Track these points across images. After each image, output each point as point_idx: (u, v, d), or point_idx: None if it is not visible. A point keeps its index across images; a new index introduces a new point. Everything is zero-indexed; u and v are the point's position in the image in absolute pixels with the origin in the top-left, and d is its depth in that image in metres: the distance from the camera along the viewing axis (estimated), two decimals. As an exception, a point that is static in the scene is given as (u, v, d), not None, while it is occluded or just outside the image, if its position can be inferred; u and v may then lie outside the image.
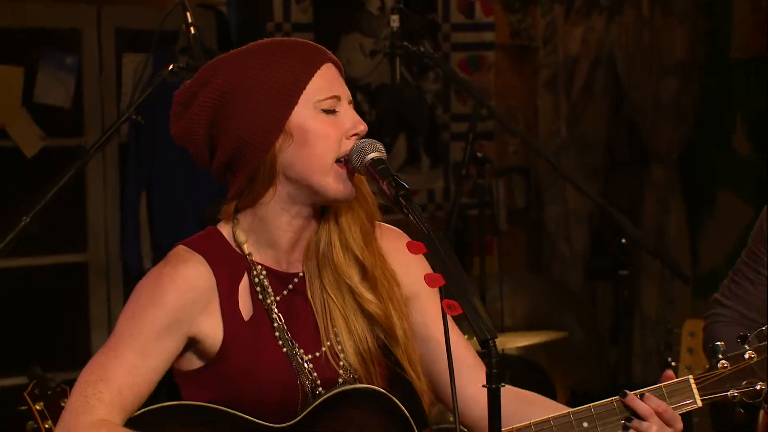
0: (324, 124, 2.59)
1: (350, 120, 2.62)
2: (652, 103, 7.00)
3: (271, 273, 2.64)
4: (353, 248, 2.66)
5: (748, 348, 2.64)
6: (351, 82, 7.35)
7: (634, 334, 6.94)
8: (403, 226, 2.69)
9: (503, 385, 2.30)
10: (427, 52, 4.34)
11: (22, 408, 3.73)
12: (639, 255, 6.73)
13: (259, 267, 2.64)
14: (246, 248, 2.64)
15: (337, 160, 2.59)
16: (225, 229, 2.66)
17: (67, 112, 6.38)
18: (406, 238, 2.70)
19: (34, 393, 3.79)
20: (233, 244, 2.65)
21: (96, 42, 6.44)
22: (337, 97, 2.62)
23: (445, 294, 2.35)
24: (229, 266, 2.62)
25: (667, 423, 2.62)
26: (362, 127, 2.62)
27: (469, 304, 2.30)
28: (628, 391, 2.63)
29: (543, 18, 7.47)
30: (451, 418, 2.81)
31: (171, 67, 4.14)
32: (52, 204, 4.07)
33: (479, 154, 5.08)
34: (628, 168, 7.22)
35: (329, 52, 2.69)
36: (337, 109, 2.62)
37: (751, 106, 6.70)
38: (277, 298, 2.64)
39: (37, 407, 3.75)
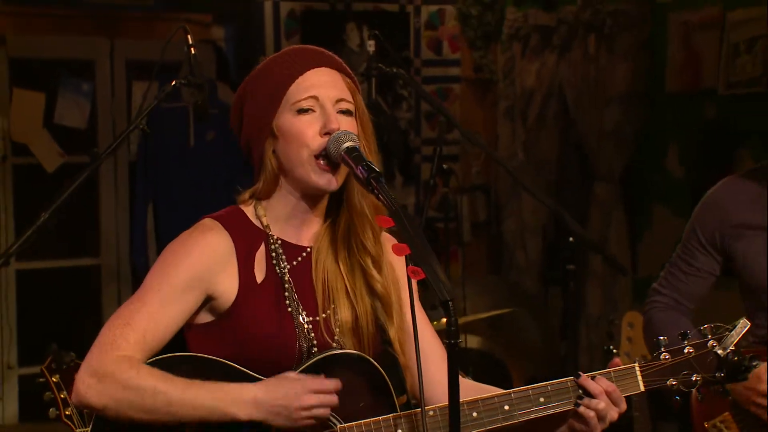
0: (298, 123, 2.61)
1: (326, 118, 2.60)
2: (597, 129, 7.02)
3: (285, 244, 2.67)
4: (367, 238, 2.67)
5: (687, 344, 2.64)
6: (334, 110, 7.27)
7: (581, 331, 6.96)
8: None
9: (461, 341, 2.32)
10: (399, 72, 4.36)
11: (41, 380, 3.75)
12: (585, 261, 6.76)
13: (275, 237, 2.66)
14: (264, 221, 2.67)
15: (316, 156, 2.59)
16: (247, 208, 2.69)
17: (83, 133, 6.42)
18: (394, 241, 2.71)
19: (51, 367, 3.81)
20: (253, 220, 2.67)
21: (109, 71, 6.49)
22: (315, 98, 2.61)
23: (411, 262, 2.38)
24: (247, 237, 2.64)
25: (614, 402, 2.61)
26: (334, 125, 2.59)
27: (431, 269, 2.32)
28: (581, 373, 2.63)
29: (503, 55, 7.50)
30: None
31: (174, 82, 4.14)
32: (68, 205, 4.07)
33: (445, 166, 5.09)
34: (576, 186, 7.24)
35: (328, 55, 2.70)
36: (313, 109, 2.61)
37: (682, 133, 6.75)
38: (288, 266, 2.65)
39: (54, 379, 3.76)
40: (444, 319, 4.98)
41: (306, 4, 7.01)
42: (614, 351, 4.96)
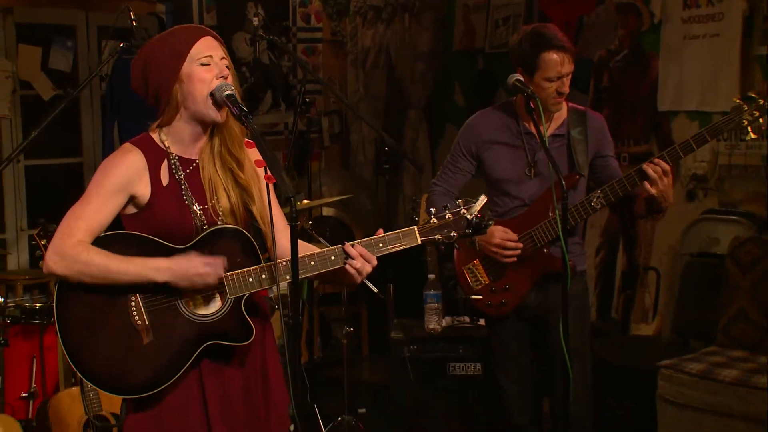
0: (200, 71, 2.51)
1: (218, 68, 2.53)
2: (410, 75, 7.03)
3: (181, 159, 2.59)
4: (235, 149, 2.60)
5: (447, 211, 2.64)
6: (239, 60, 7.14)
7: (399, 206, 7.02)
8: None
9: (298, 224, 2.31)
10: (274, 39, 4.27)
11: (33, 243, 3.68)
12: (402, 161, 6.80)
13: (173, 154, 2.58)
14: (166, 143, 2.58)
15: (210, 95, 2.51)
16: (154, 135, 2.59)
17: (68, 74, 6.21)
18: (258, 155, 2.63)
19: (41, 234, 3.73)
20: (158, 142, 2.57)
21: (85, 33, 6.28)
22: (210, 56, 2.53)
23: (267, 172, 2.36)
24: (155, 155, 2.55)
25: (367, 261, 2.53)
26: (224, 72, 2.53)
27: (280, 177, 2.31)
28: (345, 242, 2.55)
29: (350, 24, 7.43)
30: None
31: (122, 44, 4.06)
32: (57, 128, 4.02)
33: (307, 99, 5.05)
34: (397, 111, 7.24)
35: (210, 30, 2.59)
36: (209, 63, 2.52)
37: (463, 77, 6.79)
38: (183, 173, 2.58)
39: (42, 242, 3.69)
40: (305, 201, 4.99)
41: (220, -11, 6.85)
42: (416, 219, 5.01)
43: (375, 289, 4.40)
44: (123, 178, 2.51)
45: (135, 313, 2.48)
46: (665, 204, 3.32)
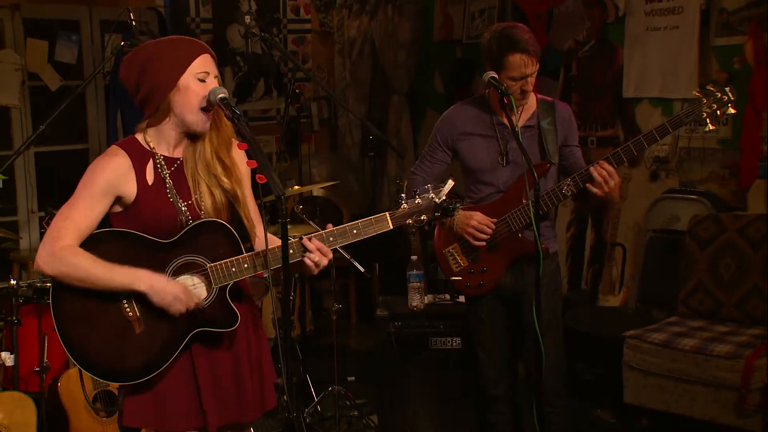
0: (197, 86, 2.47)
1: (212, 85, 2.49)
2: (393, 62, 6.96)
3: (165, 158, 2.53)
4: (220, 152, 2.54)
5: (417, 197, 2.58)
6: (233, 50, 7.03)
7: (384, 186, 6.98)
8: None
9: (288, 219, 2.26)
10: (265, 36, 4.19)
11: (42, 231, 3.62)
12: (385, 147, 6.76)
13: (158, 154, 2.52)
14: (152, 144, 2.52)
15: (202, 108, 2.47)
16: (139, 136, 2.54)
17: (73, 66, 6.11)
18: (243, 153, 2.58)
19: (48, 221, 3.68)
20: (144, 144, 2.52)
21: (89, 27, 6.17)
22: (207, 73, 2.49)
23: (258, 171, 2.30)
24: (140, 156, 2.50)
25: (324, 254, 2.48)
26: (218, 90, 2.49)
27: (270, 176, 2.26)
28: (302, 236, 2.48)
29: (336, 16, 7.34)
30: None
31: (122, 43, 4.00)
32: (64, 116, 3.97)
33: (297, 90, 4.98)
34: (381, 97, 7.17)
35: (209, 48, 2.54)
36: (206, 80, 2.48)
37: (442, 65, 6.72)
38: (168, 172, 2.52)
39: (50, 229, 3.64)
40: (296, 186, 4.94)
41: (215, -17, 6.74)
42: (400, 201, 4.96)
43: (362, 269, 4.35)
44: (109, 180, 2.45)
45: (126, 305, 2.44)
46: (611, 204, 3.28)
